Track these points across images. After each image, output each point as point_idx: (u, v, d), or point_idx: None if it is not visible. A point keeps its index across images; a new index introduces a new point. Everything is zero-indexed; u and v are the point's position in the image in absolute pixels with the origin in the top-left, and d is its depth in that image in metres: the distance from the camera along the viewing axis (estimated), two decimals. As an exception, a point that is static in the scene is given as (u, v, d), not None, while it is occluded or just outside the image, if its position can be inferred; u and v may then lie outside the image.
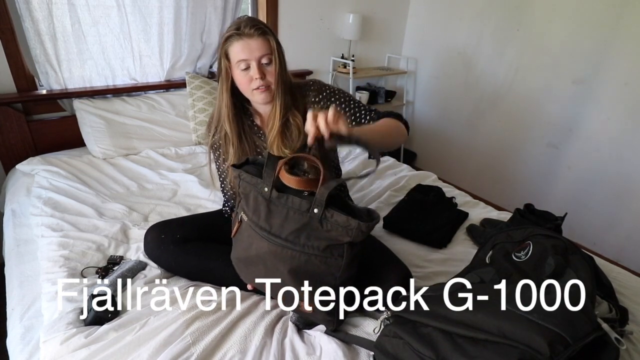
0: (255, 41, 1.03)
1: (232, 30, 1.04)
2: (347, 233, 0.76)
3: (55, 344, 0.87)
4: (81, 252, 1.19)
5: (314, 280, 0.82)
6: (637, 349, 0.93)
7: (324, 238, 0.77)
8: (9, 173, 1.75)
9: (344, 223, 0.75)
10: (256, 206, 0.81)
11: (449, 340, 0.73)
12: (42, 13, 1.65)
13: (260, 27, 1.04)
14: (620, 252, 2.13)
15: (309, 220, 0.76)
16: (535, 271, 0.88)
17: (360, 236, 0.77)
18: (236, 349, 0.89)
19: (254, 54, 1.03)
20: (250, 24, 1.03)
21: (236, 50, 1.04)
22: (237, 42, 1.03)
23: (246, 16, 1.10)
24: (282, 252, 0.80)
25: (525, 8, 2.26)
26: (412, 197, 1.55)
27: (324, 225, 0.76)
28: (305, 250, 0.79)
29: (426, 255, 1.29)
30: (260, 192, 0.80)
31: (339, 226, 0.75)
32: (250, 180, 0.81)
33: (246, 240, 0.85)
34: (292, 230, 0.78)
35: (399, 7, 2.88)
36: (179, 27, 1.97)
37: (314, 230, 0.77)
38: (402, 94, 3.04)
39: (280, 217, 0.79)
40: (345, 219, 0.75)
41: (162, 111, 1.95)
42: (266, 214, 0.80)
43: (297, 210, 0.77)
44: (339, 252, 0.79)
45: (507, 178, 2.61)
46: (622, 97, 1.97)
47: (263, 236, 0.81)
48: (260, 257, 0.83)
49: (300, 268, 0.80)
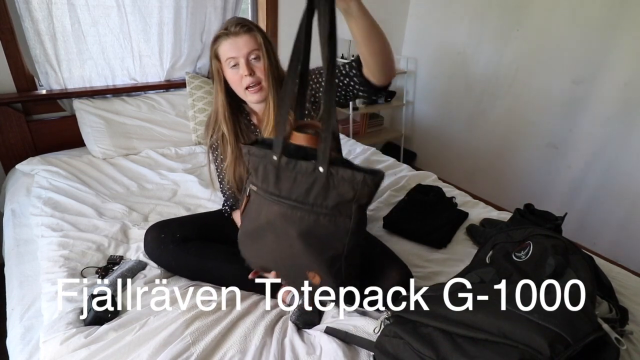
0: (242, 38, 1.06)
1: (220, 31, 1.08)
2: (353, 187, 0.76)
3: (55, 344, 0.87)
4: (81, 252, 1.19)
5: (323, 245, 0.81)
6: (637, 349, 0.93)
7: (331, 195, 0.78)
8: (9, 173, 1.75)
9: (350, 177, 0.75)
10: (265, 175, 0.82)
11: (449, 340, 0.73)
12: (42, 13, 1.65)
13: (246, 24, 1.07)
14: (620, 252, 2.13)
15: (316, 179, 0.77)
16: (535, 271, 0.88)
17: (366, 191, 0.76)
18: (236, 348, 0.89)
19: (241, 51, 1.06)
20: (236, 23, 1.06)
21: (225, 49, 1.07)
22: (225, 41, 1.07)
23: (235, 17, 1.12)
24: (292, 214, 0.80)
25: (525, 8, 2.26)
26: (412, 197, 1.55)
27: (330, 182, 0.77)
28: (314, 210, 0.79)
29: (426, 255, 1.29)
30: (269, 161, 0.81)
31: (345, 181, 0.76)
32: (260, 153, 0.82)
33: (255, 210, 0.85)
34: (301, 192, 0.79)
35: (399, 7, 2.88)
36: (179, 27, 1.97)
37: (322, 189, 0.78)
38: (402, 94, 3.04)
39: (289, 182, 0.80)
40: (350, 173, 0.75)
41: (162, 111, 1.95)
42: (275, 180, 0.81)
43: (305, 172, 0.78)
44: (347, 212, 0.79)
45: (507, 178, 2.61)
46: (622, 97, 1.97)
47: (273, 200, 0.81)
48: (270, 223, 0.83)
49: (310, 230, 0.80)
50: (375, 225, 1.44)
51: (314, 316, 1.01)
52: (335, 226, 0.80)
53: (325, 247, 0.81)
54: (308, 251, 0.81)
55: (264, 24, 2.34)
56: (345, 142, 2.24)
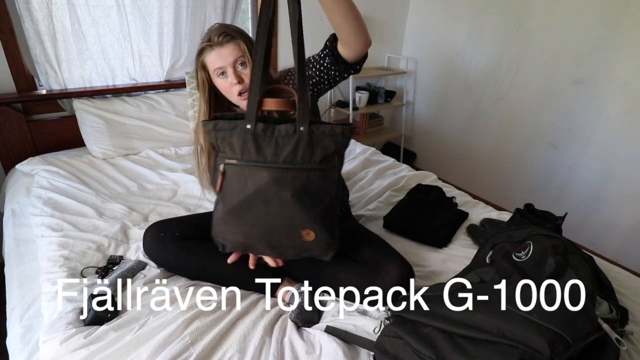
0: (226, 48, 1.08)
1: (204, 42, 1.10)
2: (334, 140, 0.82)
3: (54, 344, 0.87)
4: (81, 252, 1.19)
5: (315, 200, 0.84)
6: (637, 349, 0.93)
7: (317, 151, 0.82)
8: (9, 173, 1.75)
9: (330, 131, 0.81)
10: (243, 145, 0.82)
11: (449, 340, 0.73)
12: (42, 13, 1.65)
13: (229, 33, 1.08)
14: (620, 252, 2.13)
15: (300, 138, 0.81)
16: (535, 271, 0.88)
17: (344, 142, 0.83)
18: (235, 348, 0.89)
19: (227, 60, 1.08)
20: (219, 33, 1.08)
21: (211, 60, 1.10)
22: (210, 52, 1.09)
23: (217, 24, 1.13)
24: (283, 176, 0.82)
25: (525, 8, 2.26)
26: (412, 197, 1.55)
27: (313, 138, 0.81)
28: (304, 167, 0.82)
29: (426, 255, 1.29)
30: (244, 131, 0.82)
31: (326, 135, 0.81)
32: (229, 126, 0.83)
33: (238, 183, 0.85)
34: (287, 153, 0.81)
35: (398, 7, 2.88)
36: (179, 27, 1.97)
37: (307, 146, 0.82)
38: (402, 94, 3.04)
39: (272, 147, 0.82)
40: (330, 127, 0.81)
41: (162, 111, 1.95)
42: (256, 148, 0.82)
43: (285, 135, 0.81)
44: (331, 163, 0.84)
45: (507, 178, 2.61)
46: (622, 97, 1.97)
47: (260, 167, 0.82)
48: (259, 192, 0.83)
49: (303, 188, 0.83)
50: (375, 225, 1.44)
51: (314, 315, 1.01)
52: (325, 179, 0.84)
53: (317, 201, 0.85)
54: (302, 209, 0.83)
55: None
56: (345, 142, 2.24)
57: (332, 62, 1.05)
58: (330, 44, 1.04)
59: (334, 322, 0.99)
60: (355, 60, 1.02)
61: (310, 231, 0.86)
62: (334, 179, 0.85)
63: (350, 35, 0.94)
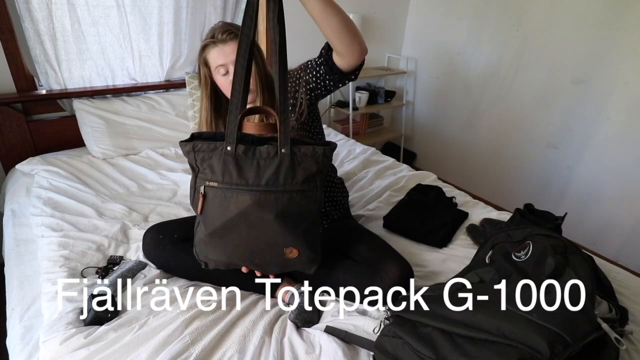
0: (229, 46, 1.08)
1: (208, 39, 1.10)
2: (316, 160, 0.83)
3: (54, 344, 0.87)
4: (81, 252, 1.19)
5: (298, 220, 0.86)
6: (637, 349, 0.93)
7: (299, 172, 0.83)
8: (9, 173, 1.75)
9: (311, 152, 0.82)
10: (224, 167, 0.82)
11: (449, 340, 0.73)
12: (42, 13, 1.65)
13: (233, 31, 1.09)
14: (620, 252, 2.13)
15: (281, 160, 0.82)
16: (535, 271, 0.88)
17: (325, 162, 0.84)
18: (235, 348, 0.89)
19: (229, 57, 1.09)
20: (223, 30, 1.08)
21: (213, 57, 1.10)
22: (213, 49, 1.10)
23: (221, 22, 1.13)
24: (265, 199, 0.82)
25: (525, 8, 2.26)
26: (412, 197, 1.55)
27: (295, 160, 0.82)
28: (286, 189, 0.83)
29: (426, 255, 1.29)
30: (224, 153, 0.82)
31: (308, 157, 0.82)
32: (208, 147, 0.83)
33: (219, 206, 0.85)
34: (269, 175, 0.82)
35: (398, 7, 2.88)
36: (179, 27, 1.97)
37: (289, 168, 0.82)
38: (402, 94, 3.04)
39: (253, 169, 0.82)
40: (311, 148, 0.82)
41: (162, 111, 1.95)
42: (237, 170, 0.82)
43: (267, 157, 0.82)
44: (313, 183, 0.85)
45: (507, 178, 2.61)
46: (622, 97, 1.97)
47: (242, 190, 0.82)
48: (242, 214, 0.83)
49: (285, 210, 0.83)
50: (375, 225, 1.44)
51: (314, 315, 1.01)
52: (307, 199, 0.85)
53: (300, 221, 0.86)
54: (285, 229, 0.84)
55: (263, 24, 2.33)
56: (345, 142, 2.24)
57: (326, 71, 1.04)
58: (325, 53, 1.03)
59: (333, 322, 0.99)
60: (350, 69, 1.01)
61: (294, 249, 0.87)
62: (315, 199, 0.86)
63: (343, 46, 0.93)
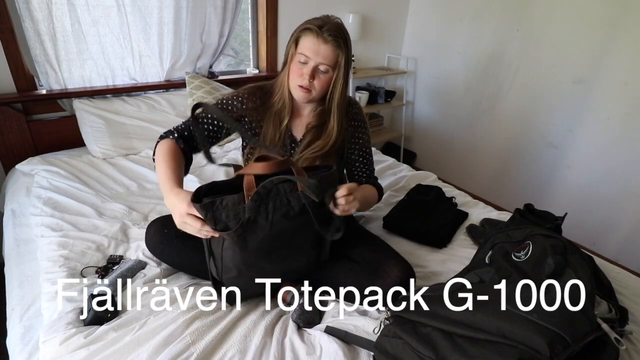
0: (326, 48, 1.05)
1: (314, 24, 1.05)
2: (314, 192, 0.90)
3: (54, 344, 0.87)
4: (81, 252, 1.19)
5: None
6: (636, 349, 0.93)
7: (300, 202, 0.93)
8: (9, 173, 1.75)
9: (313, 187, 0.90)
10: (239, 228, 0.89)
11: (449, 340, 0.73)
12: (42, 13, 1.65)
13: (339, 38, 1.05)
14: (620, 252, 2.13)
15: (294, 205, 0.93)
16: (534, 271, 0.88)
17: (329, 182, 0.95)
18: (236, 348, 0.89)
19: (316, 57, 1.05)
20: (331, 31, 1.04)
21: (306, 44, 1.06)
22: (312, 38, 1.05)
23: (336, 19, 1.09)
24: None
25: (525, 8, 2.26)
26: (412, 197, 1.55)
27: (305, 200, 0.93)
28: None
29: (426, 255, 1.29)
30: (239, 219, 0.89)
31: (310, 190, 0.90)
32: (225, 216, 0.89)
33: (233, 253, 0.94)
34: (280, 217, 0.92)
35: (398, 7, 2.88)
36: (179, 27, 1.97)
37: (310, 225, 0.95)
38: (402, 94, 3.04)
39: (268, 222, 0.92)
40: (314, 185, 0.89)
41: (162, 111, 1.95)
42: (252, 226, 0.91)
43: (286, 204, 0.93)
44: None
45: (507, 178, 2.61)
46: (622, 97, 1.97)
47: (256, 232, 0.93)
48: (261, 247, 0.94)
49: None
50: (375, 225, 1.44)
51: (315, 315, 1.01)
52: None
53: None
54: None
55: (263, 24, 2.34)
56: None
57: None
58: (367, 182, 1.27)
59: (334, 322, 0.99)
60: None
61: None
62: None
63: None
